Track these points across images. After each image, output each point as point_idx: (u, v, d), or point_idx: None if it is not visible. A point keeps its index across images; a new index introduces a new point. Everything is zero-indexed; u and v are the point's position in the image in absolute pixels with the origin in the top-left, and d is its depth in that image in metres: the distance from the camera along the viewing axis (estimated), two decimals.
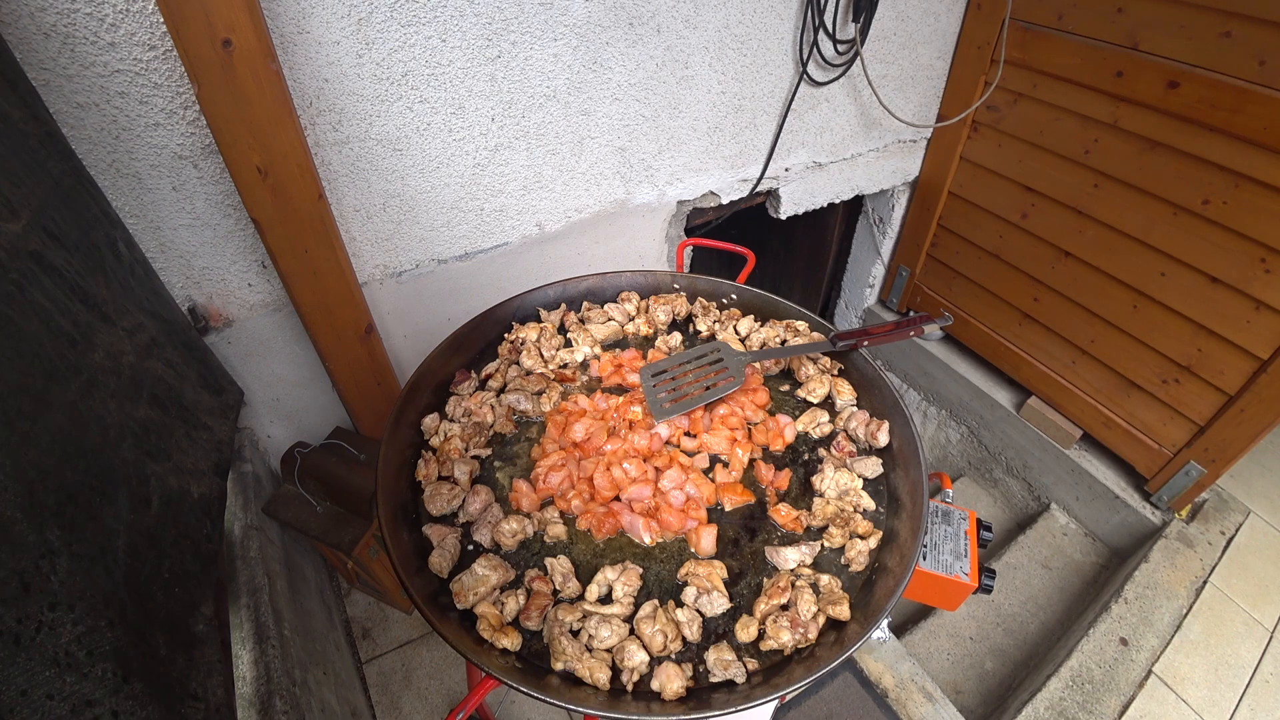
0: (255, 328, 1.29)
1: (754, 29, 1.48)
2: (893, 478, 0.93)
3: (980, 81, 1.85)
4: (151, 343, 0.97)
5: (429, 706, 1.52)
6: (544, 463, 0.92)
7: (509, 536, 0.83)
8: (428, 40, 1.13)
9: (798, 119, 1.72)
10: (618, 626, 0.75)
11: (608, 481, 0.90)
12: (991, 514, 2.32)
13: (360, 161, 1.20)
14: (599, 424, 0.97)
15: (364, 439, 1.48)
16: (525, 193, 1.42)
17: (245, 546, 1.15)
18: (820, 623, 0.77)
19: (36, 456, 0.66)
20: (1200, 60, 1.42)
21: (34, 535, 0.61)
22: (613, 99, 1.40)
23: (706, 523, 0.86)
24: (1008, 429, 2.20)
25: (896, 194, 2.24)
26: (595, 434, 0.95)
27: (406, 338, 1.49)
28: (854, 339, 0.95)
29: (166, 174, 1.05)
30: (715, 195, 1.75)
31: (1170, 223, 1.58)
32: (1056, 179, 1.78)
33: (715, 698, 0.70)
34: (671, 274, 1.23)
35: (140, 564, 0.76)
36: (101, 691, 0.63)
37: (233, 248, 1.18)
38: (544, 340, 1.11)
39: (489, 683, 0.74)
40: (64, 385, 0.74)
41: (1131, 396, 1.84)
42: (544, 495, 0.89)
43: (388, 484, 0.87)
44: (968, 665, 1.83)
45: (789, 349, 1.02)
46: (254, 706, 0.91)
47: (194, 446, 1.00)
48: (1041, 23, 1.67)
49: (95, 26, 0.90)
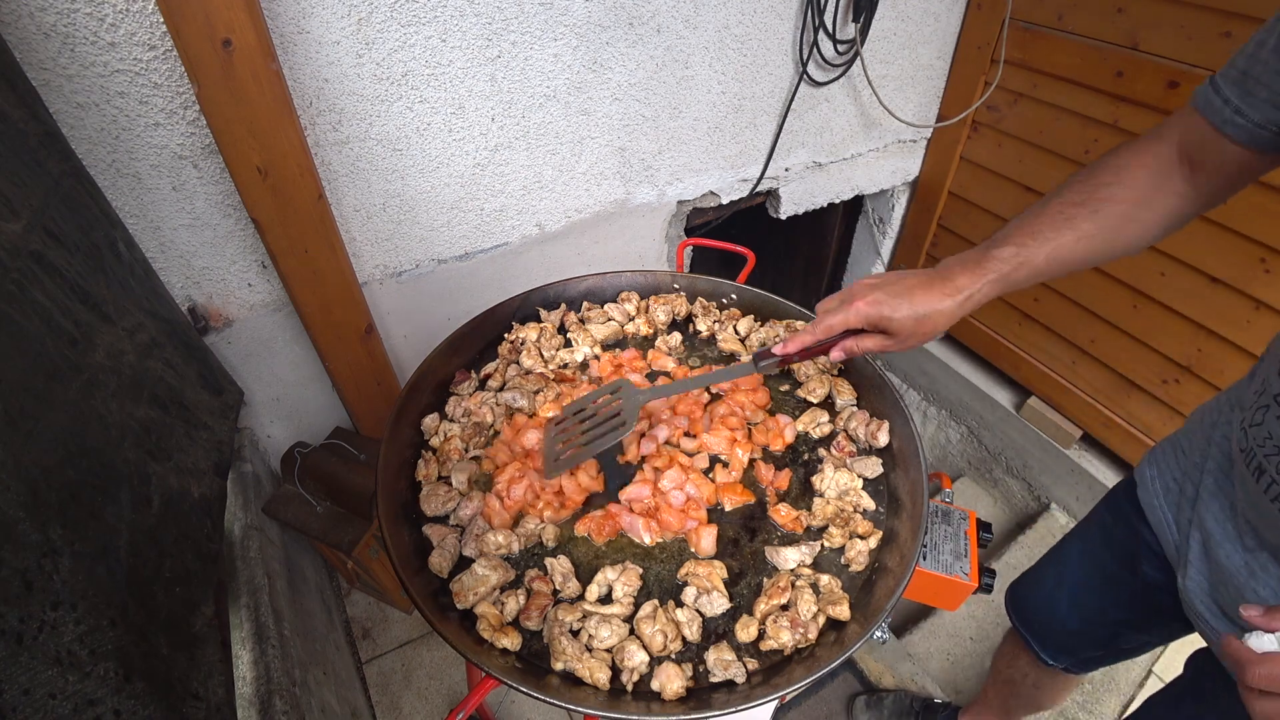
0: (255, 328, 1.29)
1: (754, 29, 1.48)
2: (893, 478, 0.93)
3: (980, 81, 1.85)
4: (152, 342, 0.97)
5: (429, 706, 1.52)
6: (502, 477, 0.89)
7: (494, 550, 0.82)
8: (428, 40, 1.13)
9: (798, 119, 1.72)
10: (618, 626, 0.75)
11: (575, 486, 0.89)
12: (991, 514, 2.32)
13: (360, 161, 1.20)
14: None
15: (364, 439, 1.48)
16: (525, 193, 1.42)
17: (245, 546, 1.15)
18: (820, 623, 0.77)
19: (39, 456, 0.66)
20: (1200, 60, 1.42)
21: (37, 534, 0.61)
22: (613, 99, 1.40)
23: (706, 523, 0.86)
24: (1008, 429, 2.20)
25: (896, 194, 2.24)
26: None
27: (406, 338, 1.49)
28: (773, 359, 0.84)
29: (166, 174, 1.05)
30: (715, 195, 1.75)
31: None
32: (1056, 179, 1.78)
33: (715, 698, 0.71)
34: (671, 274, 1.23)
35: (142, 563, 0.77)
36: (103, 690, 0.63)
37: (233, 248, 1.18)
38: (544, 340, 1.11)
39: (489, 683, 0.74)
40: (65, 385, 0.74)
41: (1131, 396, 1.84)
42: (514, 510, 0.87)
43: (388, 484, 0.88)
44: (968, 665, 1.83)
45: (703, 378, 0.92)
46: (254, 706, 0.91)
47: (194, 446, 1.00)
48: (1041, 23, 1.67)
49: (95, 26, 0.90)
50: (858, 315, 0.76)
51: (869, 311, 0.75)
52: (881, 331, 0.76)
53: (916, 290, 0.73)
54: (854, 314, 0.76)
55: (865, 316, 0.75)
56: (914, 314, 0.73)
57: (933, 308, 0.73)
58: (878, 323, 0.75)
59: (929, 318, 0.73)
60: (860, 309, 0.75)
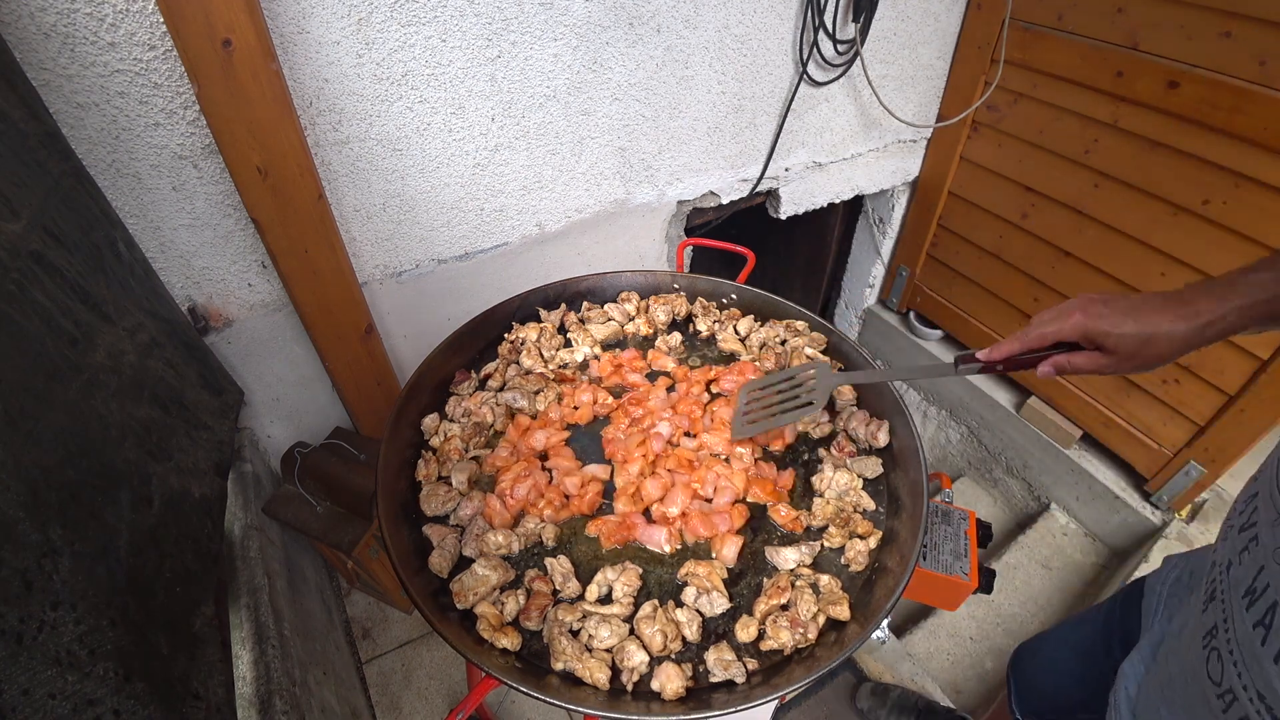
0: (255, 328, 1.29)
1: (754, 29, 1.48)
2: (893, 478, 0.93)
3: (980, 81, 1.85)
4: (152, 342, 0.97)
5: (429, 706, 1.52)
6: (506, 476, 0.90)
7: (494, 550, 0.83)
8: (428, 40, 1.13)
9: (798, 119, 1.72)
10: (617, 626, 0.75)
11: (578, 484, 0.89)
12: (991, 514, 2.32)
13: (360, 161, 1.20)
14: (559, 433, 0.97)
15: (364, 439, 1.48)
16: (525, 193, 1.42)
17: (245, 546, 1.15)
18: (820, 623, 0.77)
19: (39, 456, 0.66)
20: (1200, 60, 1.42)
21: (37, 534, 0.61)
22: (613, 99, 1.40)
23: (735, 533, 0.86)
24: (1008, 429, 2.20)
25: (896, 194, 2.24)
26: (555, 444, 0.95)
27: (406, 338, 1.49)
28: (976, 364, 0.81)
29: (166, 174, 1.05)
30: (715, 195, 1.75)
31: (1170, 223, 1.58)
32: (1056, 179, 1.78)
33: (715, 698, 0.71)
34: (671, 274, 1.23)
35: (142, 563, 0.77)
36: (103, 690, 0.63)
37: (233, 248, 1.18)
38: (544, 340, 1.11)
39: (489, 683, 0.74)
40: (65, 385, 0.74)
41: (1131, 396, 1.84)
42: (515, 510, 0.87)
43: (388, 484, 0.88)
44: (968, 665, 1.83)
45: (899, 371, 0.95)
46: (254, 706, 0.91)
47: (195, 446, 1.00)
48: (1041, 23, 1.67)
49: (95, 26, 0.90)
50: (1074, 327, 0.69)
51: (1088, 324, 0.68)
52: (1099, 348, 0.69)
53: (1145, 309, 0.66)
54: (1070, 326, 0.69)
55: (1083, 329, 0.68)
56: (1138, 333, 0.65)
57: (1162, 329, 0.65)
58: (1096, 337, 0.68)
59: (1155, 340, 0.65)
60: (1078, 320, 0.69)
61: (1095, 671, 0.92)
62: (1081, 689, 0.95)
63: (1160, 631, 0.76)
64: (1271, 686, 0.48)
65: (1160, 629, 0.76)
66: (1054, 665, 1.02)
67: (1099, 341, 0.68)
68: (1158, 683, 0.65)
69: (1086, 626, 0.99)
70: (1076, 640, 1.00)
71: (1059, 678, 1.01)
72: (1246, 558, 0.54)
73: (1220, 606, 0.55)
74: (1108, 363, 0.69)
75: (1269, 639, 0.48)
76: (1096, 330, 0.68)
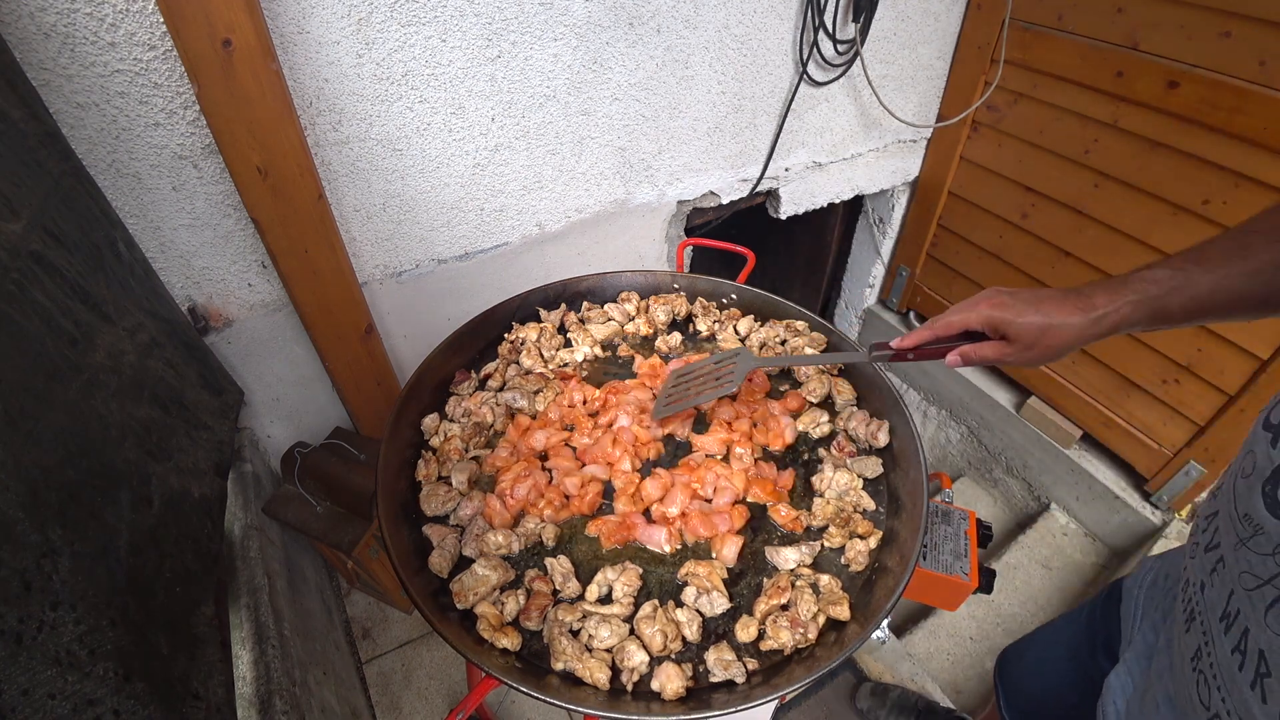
0: (255, 328, 1.29)
1: (754, 29, 1.48)
2: (893, 478, 0.93)
3: (980, 81, 1.85)
4: (152, 342, 0.97)
5: (429, 706, 1.52)
6: (506, 476, 0.90)
7: (494, 550, 0.83)
8: (428, 40, 1.13)
9: (798, 119, 1.72)
10: (617, 626, 0.75)
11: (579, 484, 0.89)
12: (991, 514, 2.32)
13: (360, 161, 1.20)
14: (559, 434, 0.97)
15: (364, 439, 1.48)
16: (525, 193, 1.42)
17: (245, 546, 1.15)
18: (820, 623, 0.77)
19: (39, 456, 0.66)
20: (1200, 60, 1.42)
21: (36, 534, 0.61)
22: (613, 99, 1.40)
23: (735, 533, 0.86)
24: (1008, 429, 2.20)
25: (896, 194, 2.24)
26: (555, 444, 0.95)
27: (406, 338, 1.49)
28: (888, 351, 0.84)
29: (166, 174, 1.05)
30: (715, 195, 1.75)
31: (1170, 223, 1.58)
32: (1056, 179, 1.78)
33: (715, 698, 0.71)
34: (671, 274, 1.23)
35: (142, 563, 0.77)
36: (103, 691, 0.63)
37: (233, 248, 1.18)
38: (544, 340, 1.11)
39: (489, 683, 0.74)
40: (65, 385, 0.74)
41: (1131, 396, 1.84)
42: (515, 510, 0.87)
43: (388, 484, 0.88)
44: (968, 665, 1.83)
45: (813, 358, 1.02)
46: (254, 706, 0.91)
47: (195, 446, 1.00)
48: (1041, 23, 1.67)
49: (95, 26, 0.90)
50: (979, 316, 0.73)
51: (991, 313, 0.72)
52: (1002, 338, 0.73)
53: (1047, 301, 0.70)
54: (977, 315, 0.73)
55: (987, 318, 0.72)
56: (1039, 323, 0.69)
57: (1060, 320, 0.68)
58: (999, 326, 0.72)
59: (1054, 330, 0.69)
60: (983, 310, 0.72)
61: (1081, 674, 0.93)
62: (1068, 691, 0.95)
63: (1144, 642, 0.76)
64: (1250, 712, 0.48)
65: (1143, 639, 0.76)
66: (1040, 668, 1.02)
67: (1002, 330, 0.72)
68: (1152, 702, 0.66)
69: (1069, 629, 0.99)
70: (1060, 643, 1.00)
71: (1045, 680, 1.01)
72: (1217, 580, 0.54)
73: (1201, 629, 0.56)
74: (1010, 351, 0.72)
75: (1245, 665, 0.49)
76: (1000, 319, 0.71)
